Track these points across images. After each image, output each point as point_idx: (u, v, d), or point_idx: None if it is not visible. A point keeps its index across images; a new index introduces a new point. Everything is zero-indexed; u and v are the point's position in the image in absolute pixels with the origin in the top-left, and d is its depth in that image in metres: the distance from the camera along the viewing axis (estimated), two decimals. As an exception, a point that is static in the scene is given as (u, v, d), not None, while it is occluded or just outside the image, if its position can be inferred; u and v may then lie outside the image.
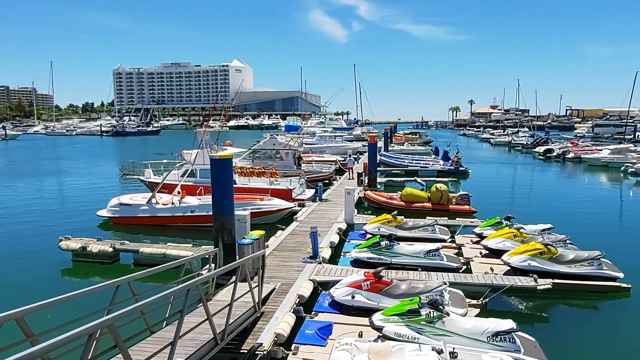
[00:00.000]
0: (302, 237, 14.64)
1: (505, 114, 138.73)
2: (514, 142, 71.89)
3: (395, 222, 15.50)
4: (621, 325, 10.10)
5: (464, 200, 20.01)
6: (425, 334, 7.90)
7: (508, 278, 11.28)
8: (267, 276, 10.80)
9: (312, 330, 8.47)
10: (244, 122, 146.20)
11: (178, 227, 17.69)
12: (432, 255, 12.51)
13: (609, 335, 9.67)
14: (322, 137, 57.82)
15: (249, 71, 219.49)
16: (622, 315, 10.61)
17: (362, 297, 9.63)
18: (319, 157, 36.85)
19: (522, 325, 8.30)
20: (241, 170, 23.59)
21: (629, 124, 77.31)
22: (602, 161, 42.33)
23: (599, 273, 11.65)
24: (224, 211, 10.97)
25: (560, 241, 13.38)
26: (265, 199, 18.55)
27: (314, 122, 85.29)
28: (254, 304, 8.68)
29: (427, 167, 35.55)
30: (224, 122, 71.10)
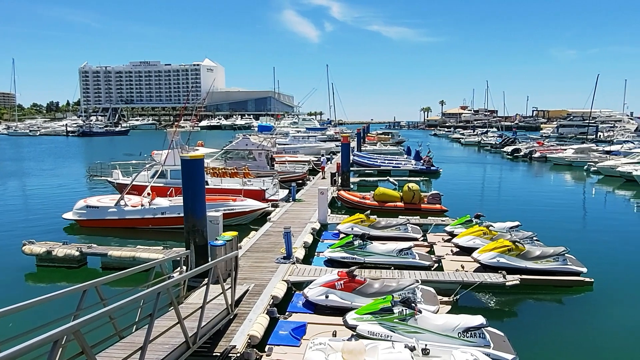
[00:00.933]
0: (276, 237, 14.58)
1: (475, 115, 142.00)
2: (483, 142, 73.72)
3: (368, 221, 15.62)
4: (585, 318, 10.48)
5: (435, 200, 20.35)
6: (398, 331, 8.00)
7: (478, 275, 11.54)
8: (240, 277, 10.73)
9: (286, 331, 8.43)
10: (216, 122, 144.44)
11: (148, 229, 17.31)
12: (405, 253, 12.66)
13: (574, 327, 10.02)
14: (295, 137, 57.80)
15: (221, 71, 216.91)
16: (585, 308, 11.02)
17: (336, 296, 9.66)
18: (293, 158, 36.79)
19: (491, 321, 8.50)
20: (213, 170, 23.28)
21: (592, 125, 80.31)
22: (567, 160, 43.86)
23: (563, 268, 12.06)
24: (195, 212, 10.81)
25: (527, 238, 13.78)
26: (238, 199, 18.37)
27: (287, 122, 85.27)
28: (226, 306, 8.57)
29: (400, 167, 36.01)
30: (195, 122, 70.08)
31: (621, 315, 10.65)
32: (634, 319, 10.48)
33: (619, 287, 12.14)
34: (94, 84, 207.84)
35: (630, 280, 12.85)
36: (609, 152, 45.26)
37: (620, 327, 10.08)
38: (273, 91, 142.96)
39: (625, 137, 67.11)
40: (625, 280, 12.79)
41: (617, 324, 10.24)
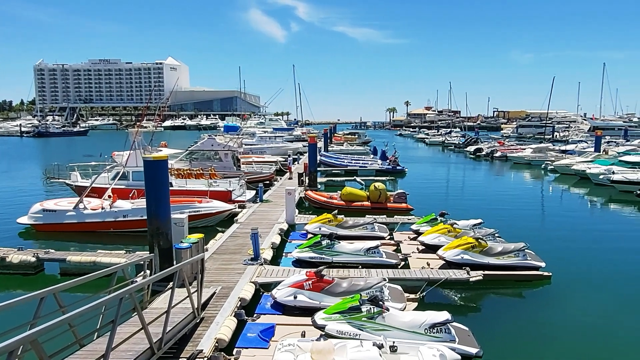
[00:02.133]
0: (243, 239, 14.42)
1: (439, 115, 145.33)
2: (447, 142, 75.52)
3: (335, 221, 15.69)
4: (543, 310, 10.90)
5: (401, 199, 20.66)
6: (367, 329, 8.07)
7: (443, 272, 11.80)
8: (207, 280, 10.53)
9: (254, 333, 8.35)
10: (180, 122, 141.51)
11: (109, 233, 16.77)
12: (372, 252, 12.80)
13: (533, 319, 10.39)
14: (262, 137, 57.40)
15: (185, 70, 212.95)
16: (544, 301, 11.47)
17: (304, 296, 9.64)
18: (260, 158, 36.52)
19: (456, 316, 8.72)
20: (178, 172, 22.79)
21: (548, 125, 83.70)
22: (526, 159, 45.54)
23: (524, 263, 12.51)
24: (159, 215, 10.55)
25: (490, 235, 14.20)
26: (204, 201, 18.05)
27: (254, 122, 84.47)
28: (193, 310, 8.41)
29: (366, 166, 36.38)
30: (158, 122, 68.37)
31: (577, 307, 11.15)
32: (589, 309, 10.99)
33: (574, 280, 12.69)
34: (51, 82, 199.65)
35: (585, 273, 13.46)
36: (565, 152, 47.32)
37: (576, 317, 10.55)
38: (239, 91, 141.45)
39: (579, 137, 70.31)
40: (580, 273, 13.40)
41: (574, 314, 10.72)
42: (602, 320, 10.39)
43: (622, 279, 13.09)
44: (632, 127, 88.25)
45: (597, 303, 11.40)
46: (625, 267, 14.13)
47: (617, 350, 9.03)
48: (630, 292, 12.10)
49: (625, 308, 11.11)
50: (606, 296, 11.83)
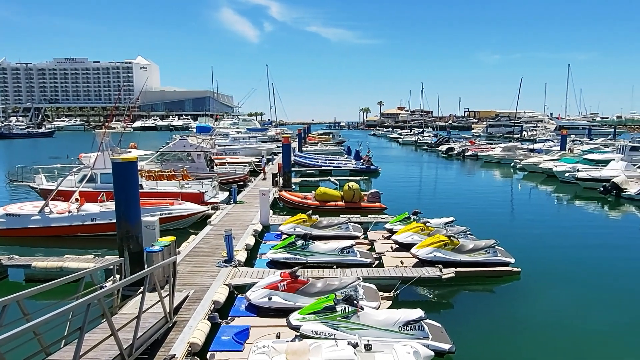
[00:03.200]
0: (217, 241, 14.24)
1: (412, 115, 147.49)
2: (419, 141, 76.66)
3: (310, 221, 15.67)
4: (513, 305, 11.18)
5: (374, 198, 20.83)
6: (341, 329, 8.10)
7: (416, 270, 11.95)
8: (179, 284, 10.34)
9: (229, 336, 8.25)
10: (151, 123, 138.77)
11: (77, 237, 16.25)
12: (346, 252, 12.84)
13: (504, 314, 10.65)
14: (235, 138, 56.87)
15: (155, 69, 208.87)
16: (514, 295, 11.76)
17: (279, 297, 9.59)
18: (233, 159, 36.16)
19: (429, 313, 8.85)
20: (149, 173, 22.31)
21: (517, 125, 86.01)
22: (496, 158, 46.68)
23: (494, 260, 12.80)
24: (129, 218, 10.30)
25: (461, 232, 14.50)
26: (176, 203, 17.72)
27: (227, 123, 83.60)
28: (165, 314, 8.24)
29: (340, 166, 36.53)
30: (127, 122, 66.79)
31: (545, 300, 11.48)
32: (557, 303, 11.33)
33: (542, 274, 13.07)
34: (14, 82, 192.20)
35: (552, 267, 13.87)
36: (532, 150, 48.76)
37: (544, 311, 10.85)
38: (211, 91, 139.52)
39: (546, 136, 72.68)
40: (548, 268, 13.79)
41: (542, 308, 11.03)
42: (569, 313, 10.73)
43: (587, 272, 13.56)
44: (596, 126, 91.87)
45: (564, 296, 11.77)
46: (590, 261, 14.65)
47: (583, 341, 9.34)
48: (594, 285, 12.55)
49: (590, 300, 11.52)
50: (572, 290, 12.22)
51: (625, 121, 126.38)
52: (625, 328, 9.99)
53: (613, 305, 11.24)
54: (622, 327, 10.05)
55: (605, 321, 10.32)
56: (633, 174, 27.97)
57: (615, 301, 11.46)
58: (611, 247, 16.65)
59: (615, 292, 12.02)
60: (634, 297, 11.75)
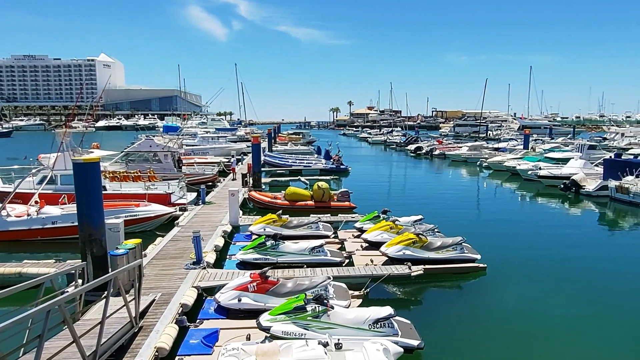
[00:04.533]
0: (185, 242, 13.96)
1: (381, 115, 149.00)
2: (389, 141, 77.59)
3: (280, 221, 15.59)
4: (480, 299, 11.47)
5: (344, 197, 20.93)
6: (312, 328, 8.09)
7: (386, 268, 12.08)
8: (146, 287, 10.10)
9: (197, 339, 8.10)
10: (116, 122, 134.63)
11: (37, 241, 15.60)
12: (317, 251, 12.85)
13: (471, 308, 10.90)
14: (204, 138, 55.98)
15: (120, 67, 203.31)
16: (480, 290, 12.06)
17: (249, 299, 9.49)
18: (202, 159, 35.58)
19: (399, 310, 8.96)
20: (113, 174, 21.67)
21: (482, 124, 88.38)
22: (462, 157, 47.78)
23: (461, 256, 13.08)
24: (91, 220, 9.95)
25: (430, 230, 14.74)
26: (142, 204, 17.26)
27: (195, 122, 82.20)
28: (130, 319, 8.02)
29: (311, 166, 36.54)
30: (90, 122, 64.70)
31: (510, 294, 11.83)
32: (521, 296, 11.70)
33: (507, 269, 13.45)
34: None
35: (516, 262, 14.31)
36: (497, 149, 50.18)
37: (509, 304, 11.19)
38: (179, 90, 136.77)
39: (510, 136, 74.88)
40: (512, 263, 14.21)
41: (507, 301, 11.36)
42: (532, 305, 11.09)
43: (548, 266, 14.04)
44: (556, 126, 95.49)
45: (527, 290, 12.15)
46: (551, 256, 15.18)
47: (545, 331, 9.67)
48: (555, 278, 13.02)
49: (551, 293, 11.94)
50: (535, 283, 12.64)
51: (583, 121, 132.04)
52: (584, 317, 10.43)
53: (572, 296, 11.69)
54: (581, 316, 10.48)
55: (566, 312, 10.73)
56: (591, 172, 29.19)
57: (575, 292, 11.93)
58: (571, 241, 17.30)
59: (574, 284, 12.52)
60: (591, 288, 12.29)
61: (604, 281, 12.86)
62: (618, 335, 9.65)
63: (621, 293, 12.02)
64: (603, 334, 9.68)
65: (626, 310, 10.87)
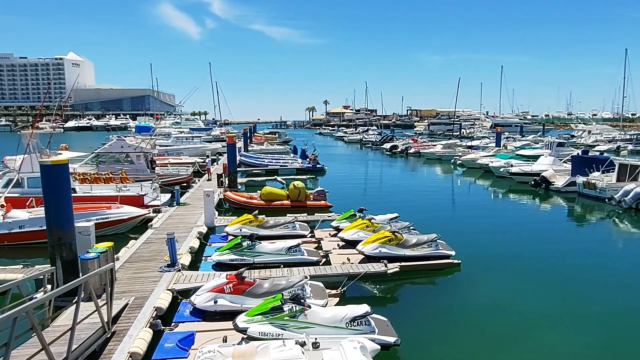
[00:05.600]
0: (158, 245, 13.72)
1: (357, 114, 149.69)
2: (364, 139, 78.07)
3: (256, 221, 15.50)
4: (454, 295, 11.67)
5: (320, 196, 20.96)
6: (289, 328, 8.06)
7: (363, 266, 12.15)
8: (119, 291, 9.90)
9: (172, 343, 7.98)
10: (86, 122, 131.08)
11: (3, 246, 15.05)
12: (294, 251, 12.83)
13: (446, 304, 11.08)
14: (178, 138, 55.13)
15: (89, 66, 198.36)
16: (455, 286, 12.27)
17: (225, 300, 9.40)
18: (176, 160, 35.02)
19: (376, 308, 9.02)
20: (83, 176, 21.11)
21: (456, 123, 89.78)
22: (437, 155, 48.51)
23: (436, 253, 13.28)
24: (61, 224, 9.67)
25: (405, 228, 14.90)
26: (113, 207, 16.87)
27: (169, 122, 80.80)
28: (102, 324, 7.83)
29: (287, 165, 36.44)
30: (59, 122, 62.80)
31: (484, 289, 12.07)
32: (494, 291, 11.95)
33: (480, 265, 13.72)
34: None
35: (490, 257, 14.61)
36: (470, 147, 51.14)
37: (483, 299, 11.41)
38: (151, 89, 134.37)
39: (483, 134, 76.36)
40: (486, 258, 14.51)
41: (481, 296, 11.59)
42: (506, 299, 11.36)
43: (520, 260, 14.40)
44: (527, 124, 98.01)
45: (500, 284, 12.43)
46: (523, 250, 15.59)
47: (520, 324, 9.93)
48: (528, 272, 13.36)
49: (524, 286, 12.26)
50: (508, 277, 12.94)
51: (552, 119, 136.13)
52: (555, 310, 10.71)
53: (543, 289, 12.02)
54: (552, 310, 10.76)
55: (537, 305, 11.01)
56: (559, 168, 30.09)
57: (545, 286, 12.27)
58: (541, 236, 17.80)
59: (545, 278, 12.87)
60: (561, 281, 12.65)
61: (573, 274, 13.26)
62: (588, 327, 9.98)
63: (589, 286, 12.44)
64: (574, 327, 9.98)
65: (595, 302, 11.26)
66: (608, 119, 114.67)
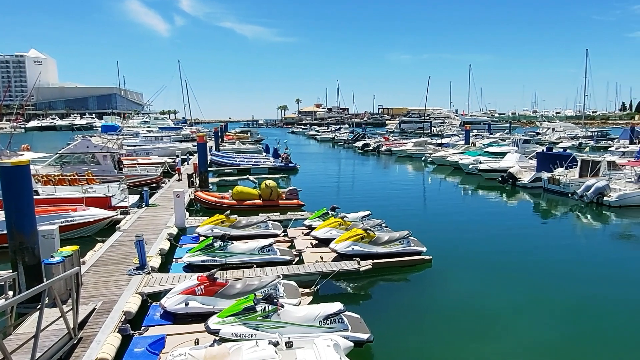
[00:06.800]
0: (127, 247, 13.39)
1: (329, 112, 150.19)
2: (337, 138, 78.38)
3: (228, 221, 15.32)
4: (426, 290, 11.88)
5: (292, 195, 20.92)
6: (262, 329, 8.01)
7: (336, 264, 12.20)
8: (85, 296, 9.62)
9: (142, 347, 7.80)
10: (49, 122, 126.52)
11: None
12: (266, 250, 12.75)
13: (418, 300, 11.26)
14: (147, 137, 53.89)
15: (52, 64, 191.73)
16: (426, 282, 12.48)
17: (197, 302, 9.26)
18: (145, 160, 34.23)
19: (349, 305, 9.08)
20: (47, 178, 20.38)
21: (426, 121, 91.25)
22: (408, 153, 49.19)
23: (408, 250, 13.46)
24: (22, 228, 9.30)
25: (377, 225, 15.01)
26: (79, 209, 16.35)
27: (137, 121, 78.95)
28: (68, 330, 7.58)
29: (259, 164, 36.20)
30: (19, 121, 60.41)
31: (454, 284, 12.31)
32: (465, 285, 12.21)
33: (451, 260, 13.98)
34: None
35: (460, 253, 14.93)
36: (441, 145, 52.04)
37: (454, 293, 11.66)
38: (118, 87, 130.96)
39: (453, 131, 77.94)
40: (456, 254, 14.82)
41: (452, 291, 11.83)
42: (475, 294, 11.62)
43: (489, 255, 14.77)
44: (494, 121, 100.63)
45: (470, 279, 12.71)
46: (492, 245, 16.01)
47: (489, 318, 10.17)
48: (496, 266, 13.72)
49: (493, 280, 12.58)
50: (477, 272, 13.24)
51: (518, 117, 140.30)
52: (523, 303, 11.05)
53: (511, 283, 12.36)
54: (520, 302, 11.09)
55: (506, 299, 11.31)
56: (525, 165, 31.01)
57: (513, 280, 12.62)
58: (509, 232, 18.31)
59: (513, 272, 13.23)
60: (529, 274, 13.05)
61: (539, 268, 13.68)
62: (554, 318, 10.31)
63: (554, 278, 12.84)
64: (541, 318, 10.29)
65: (560, 294, 11.65)
66: (571, 116, 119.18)
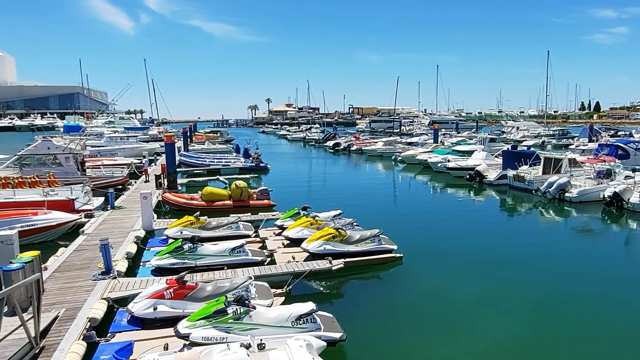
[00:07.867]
0: (92, 252, 12.93)
1: (299, 112, 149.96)
2: (307, 137, 78.41)
3: (198, 223, 15.04)
4: (397, 288, 12.01)
5: (263, 195, 20.75)
6: (234, 331, 7.90)
7: (308, 264, 12.17)
8: (48, 303, 9.24)
9: (109, 355, 7.54)
10: (7, 122, 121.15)
11: None
12: (237, 251, 12.59)
13: (389, 297, 11.36)
14: (112, 138, 52.36)
15: (10, 61, 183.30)
16: (397, 279, 12.62)
17: (166, 306, 9.04)
18: (110, 161, 33.24)
19: (321, 305, 9.07)
20: (5, 181, 19.49)
21: (396, 120, 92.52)
22: (378, 152, 49.66)
23: (379, 248, 13.56)
24: (-23, 233, 8.84)
25: (349, 224, 15.07)
26: (40, 213, 15.69)
27: (101, 121, 76.63)
28: (29, 339, 7.26)
29: (229, 165, 35.77)
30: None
31: (425, 281, 12.51)
32: (435, 282, 12.42)
33: (421, 257, 14.20)
34: None
35: (430, 250, 15.17)
36: (410, 144, 52.84)
37: (424, 290, 11.84)
38: (81, 86, 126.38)
39: (422, 130, 79.27)
40: (426, 251, 15.05)
41: (422, 288, 12.02)
42: (446, 290, 11.83)
43: (458, 252, 15.07)
44: (462, 121, 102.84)
45: (440, 275, 12.93)
46: (461, 242, 16.31)
47: (459, 313, 10.38)
48: (464, 262, 14.01)
49: (462, 276, 12.83)
50: (447, 268, 13.49)
51: (485, 116, 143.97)
52: (491, 298, 11.32)
53: (480, 278, 12.65)
54: (488, 297, 11.36)
55: (475, 294, 11.57)
56: (492, 163, 31.85)
57: (482, 275, 12.92)
58: (476, 228, 18.74)
59: (481, 267, 13.56)
60: (496, 269, 13.39)
61: (506, 263, 14.06)
62: (522, 312, 10.61)
63: (520, 273, 13.22)
64: (509, 312, 10.58)
65: (526, 288, 11.99)
66: (534, 116, 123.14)
